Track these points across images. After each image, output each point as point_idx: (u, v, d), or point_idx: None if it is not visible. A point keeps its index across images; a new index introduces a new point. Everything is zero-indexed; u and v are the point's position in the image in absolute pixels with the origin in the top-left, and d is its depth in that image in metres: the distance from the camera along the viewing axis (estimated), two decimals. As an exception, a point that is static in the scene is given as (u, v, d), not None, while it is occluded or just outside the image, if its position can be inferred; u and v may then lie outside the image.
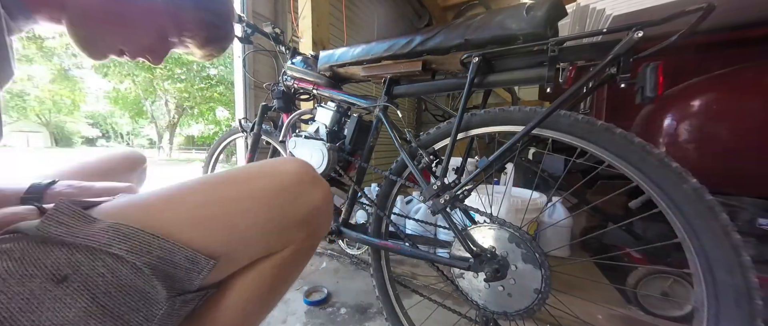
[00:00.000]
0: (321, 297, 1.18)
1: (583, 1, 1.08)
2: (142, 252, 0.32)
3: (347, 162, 0.97)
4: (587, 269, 1.47)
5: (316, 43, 1.82)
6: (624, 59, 0.50)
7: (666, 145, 1.02)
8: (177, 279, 0.35)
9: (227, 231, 0.38)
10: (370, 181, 2.60)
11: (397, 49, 0.77)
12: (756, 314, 0.44)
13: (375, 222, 0.90)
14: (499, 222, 0.64)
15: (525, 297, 0.61)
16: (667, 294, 1.05)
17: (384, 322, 0.94)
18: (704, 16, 0.45)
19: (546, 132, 0.61)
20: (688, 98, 1.00)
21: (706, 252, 0.47)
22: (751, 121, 0.88)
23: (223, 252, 0.37)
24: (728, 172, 0.94)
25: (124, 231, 0.32)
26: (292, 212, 0.42)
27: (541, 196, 1.59)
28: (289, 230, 0.42)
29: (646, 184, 0.52)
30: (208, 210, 0.38)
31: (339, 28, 2.37)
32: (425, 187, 0.71)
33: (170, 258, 0.34)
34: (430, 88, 0.80)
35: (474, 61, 0.64)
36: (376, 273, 0.92)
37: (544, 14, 0.57)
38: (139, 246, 0.32)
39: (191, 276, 0.35)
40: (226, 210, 0.38)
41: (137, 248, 0.32)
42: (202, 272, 0.36)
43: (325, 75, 1.01)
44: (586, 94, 0.63)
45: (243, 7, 1.88)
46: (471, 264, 0.65)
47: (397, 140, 0.79)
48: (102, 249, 0.31)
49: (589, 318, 1.04)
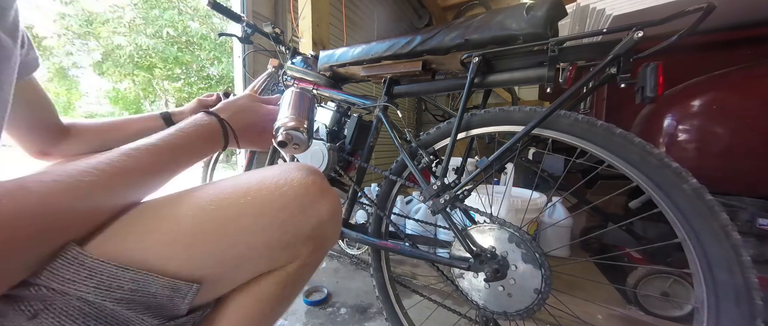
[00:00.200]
0: (321, 297, 1.18)
1: (583, 1, 1.08)
2: (110, 287, 0.29)
3: (347, 162, 0.97)
4: (587, 269, 1.47)
5: (316, 43, 1.82)
6: (624, 59, 0.50)
7: (666, 145, 1.02)
8: (160, 307, 0.33)
9: (219, 251, 0.35)
10: (370, 181, 2.60)
11: (397, 49, 0.77)
12: (756, 314, 0.44)
13: (375, 222, 0.90)
14: (499, 222, 0.64)
15: (525, 297, 0.61)
16: (667, 294, 1.05)
17: (384, 322, 0.94)
18: (704, 16, 0.45)
19: (546, 132, 0.61)
20: (688, 98, 1.00)
21: (706, 252, 0.47)
22: (751, 121, 0.88)
23: (212, 274, 0.35)
24: (728, 172, 0.94)
25: (88, 265, 0.29)
26: (297, 226, 0.39)
27: (541, 196, 1.59)
28: (295, 245, 0.39)
29: (646, 184, 0.52)
30: (199, 230, 0.35)
31: (339, 28, 2.37)
32: (425, 187, 0.71)
33: (145, 289, 0.31)
34: (430, 88, 0.80)
35: (474, 61, 0.64)
36: (376, 273, 0.92)
37: (544, 14, 0.57)
38: (108, 281, 0.29)
39: (175, 302, 0.33)
40: (221, 229, 0.35)
41: (105, 284, 0.29)
42: (186, 297, 0.33)
43: (325, 75, 1.01)
44: (586, 94, 0.63)
45: (243, 7, 1.88)
46: (471, 264, 0.65)
47: (397, 140, 0.79)
48: (66, 290, 0.28)
49: (589, 318, 1.04)
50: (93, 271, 0.29)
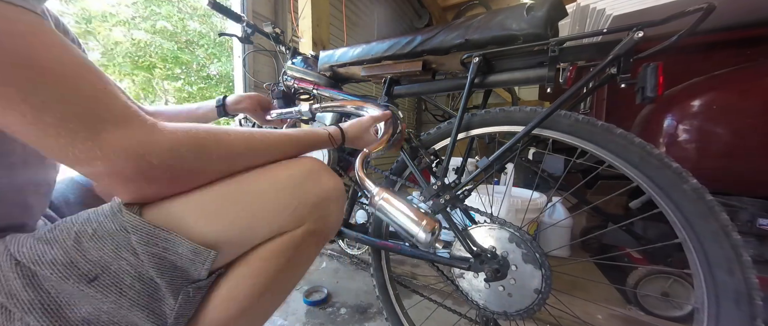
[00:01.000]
0: (321, 297, 1.18)
1: (583, 1, 1.08)
2: (148, 243, 0.35)
3: (347, 162, 0.97)
4: (587, 269, 1.47)
5: (316, 43, 1.82)
6: (624, 59, 0.50)
7: (666, 145, 1.02)
8: (184, 270, 0.37)
9: (236, 216, 0.41)
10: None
11: (397, 49, 0.77)
12: (756, 314, 0.44)
13: (375, 222, 0.90)
14: (500, 222, 0.64)
15: (525, 297, 0.61)
16: (667, 294, 1.05)
17: (384, 322, 0.94)
18: (704, 17, 0.45)
19: (546, 132, 0.61)
20: (688, 98, 1.00)
21: (706, 252, 0.47)
22: (751, 121, 0.88)
23: (228, 237, 0.40)
24: (728, 172, 0.94)
25: (133, 223, 0.35)
26: (304, 195, 0.45)
27: (541, 196, 1.59)
28: (302, 210, 0.45)
29: (647, 185, 0.52)
30: (223, 200, 0.40)
31: (339, 28, 2.37)
32: (425, 187, 0.71)
33: (174, 249, 0.36)
34: (431, 88, 0.80)
35: (474, 61, 0.64)
36: (377, 273, 0.92)
37: (544, 14, 0.57)
38: (146, 238, 0.35)
39: (196, 266, 0.38)
40: (239, 197, 0.41)
41: (144, 239, 0.35)
42: (206, 263, 0.38)
43: (325, 75, 1.01)
44: (586, 95, 0.63)
45: (243, 7, 1.88)
46: (471, 264, 0.65)
47: (398, 140, 0.79)
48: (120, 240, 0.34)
49: (589, 318, 1.04)
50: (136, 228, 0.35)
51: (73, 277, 0.32)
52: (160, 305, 0.37)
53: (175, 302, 0.37)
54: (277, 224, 0.44)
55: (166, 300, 0.37)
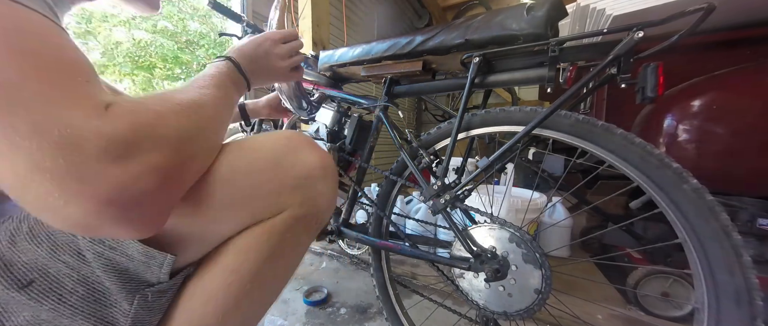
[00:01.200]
0: (321, 297, 1.18)
1: (583, 1, 1.07)
2: (93, 240, 0.32)
3: (348, 162, 0.97)
4: (587, 269, 1.47)
5: (316, 43, 1.82)
6: (624, 59, 0.50)
7: (666, 145, 1.02)
8: (137, 273, 0.34)
9: (190, 210, 0.35)
10: (371, 181, 2.60)
11: (397, 49, 0.77)
12: (756, 314, 0.44)
13: (375, 222, 0.90)
14: (500, 222, 0.64)
15: (525, 297, 0.61)
16: (667, 294, 1.05)
17: (384, 322, 0.94)
18: (704, 17, 0.45)
19: (546, 132, 0.61)
20: (688, 98, 1.00)
21: (706, 252, 0.47)
22: (751, 121, 0.88)
23: (189, 231, 0.36)
24: (728, 172, 0.94)
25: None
26: (282, 174, 0.39)
27: (542, 196, 1.59)
28: (279, 194, 0.39)
29: (647, 185, 0.52)
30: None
31: (339, 28, 2.37)
32: (425, 187, 0.71)
33: (122, 250, 0.32)
34: (431, 88, 0.80)
35: (474, 61, 0.64)
36: (376, 273, 0.92)
37: (544, 14, 0.57)
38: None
39: (152, 269, 0.34)
40: (202, 184, 0.35)
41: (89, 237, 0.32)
42: (163, 266, 0.34)
43: (326, 75, 1.01)
44: (586, 95, 0.63)
45: (243, 7, 1.88)
46: (471, 264, 0.65)
47: (398, 140, 0.79)
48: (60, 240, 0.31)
49: (589, 318, 1.04)
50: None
51: (5, 282, 0.29)
52: (110, 311, 0.33)
53: (130, 307, 0.33)
54: (248, 213, 0.38)
55: (119, 305, 0.33)
